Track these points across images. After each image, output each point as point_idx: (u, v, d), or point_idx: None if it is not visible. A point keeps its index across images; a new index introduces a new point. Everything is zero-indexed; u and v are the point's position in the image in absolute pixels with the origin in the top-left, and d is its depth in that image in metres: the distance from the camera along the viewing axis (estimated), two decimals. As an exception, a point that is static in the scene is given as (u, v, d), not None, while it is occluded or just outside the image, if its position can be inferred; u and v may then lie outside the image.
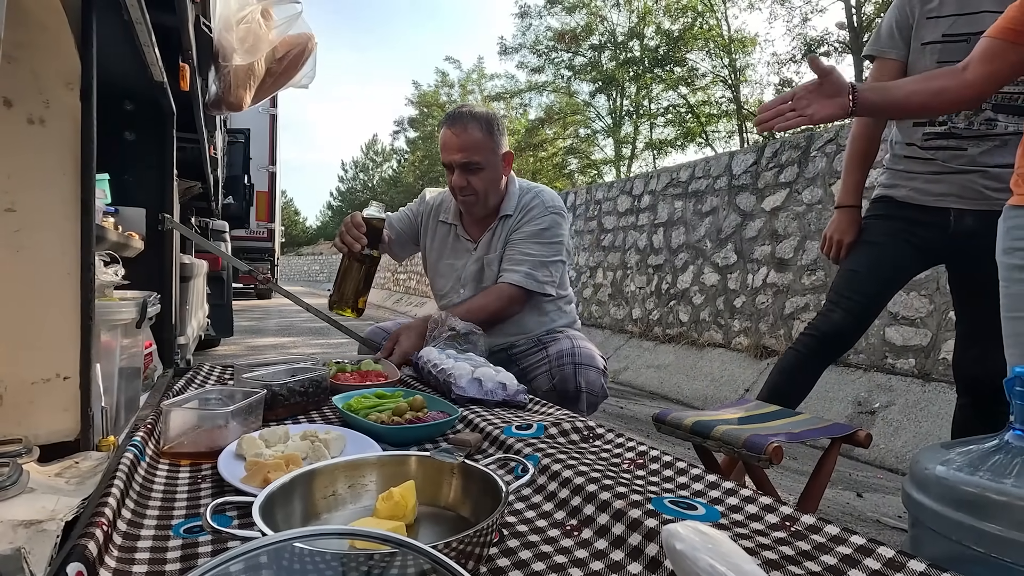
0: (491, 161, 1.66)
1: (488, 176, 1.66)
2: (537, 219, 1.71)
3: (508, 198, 1.75)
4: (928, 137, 1.54)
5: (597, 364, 1.59)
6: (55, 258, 0.95)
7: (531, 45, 22.61)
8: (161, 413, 0.97)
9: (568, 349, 1.59)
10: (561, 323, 1.80)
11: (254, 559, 0.42)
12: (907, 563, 0.58)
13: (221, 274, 4.52)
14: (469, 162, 1.63)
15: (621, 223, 5.73)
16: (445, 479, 0.74)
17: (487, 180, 1.66)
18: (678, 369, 4.45)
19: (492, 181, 1.68)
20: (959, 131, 1.48)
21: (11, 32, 0.87)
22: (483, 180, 1.66)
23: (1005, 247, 1.09)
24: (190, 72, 1.66)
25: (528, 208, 1.73)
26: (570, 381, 1.55)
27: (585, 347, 1.62)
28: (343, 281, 1.55)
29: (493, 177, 1.67)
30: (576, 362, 1.56)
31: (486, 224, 1.77)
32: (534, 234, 1.70)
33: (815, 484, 1.29)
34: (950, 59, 1.37)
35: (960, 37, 1.43)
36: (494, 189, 1.70)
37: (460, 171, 1.64)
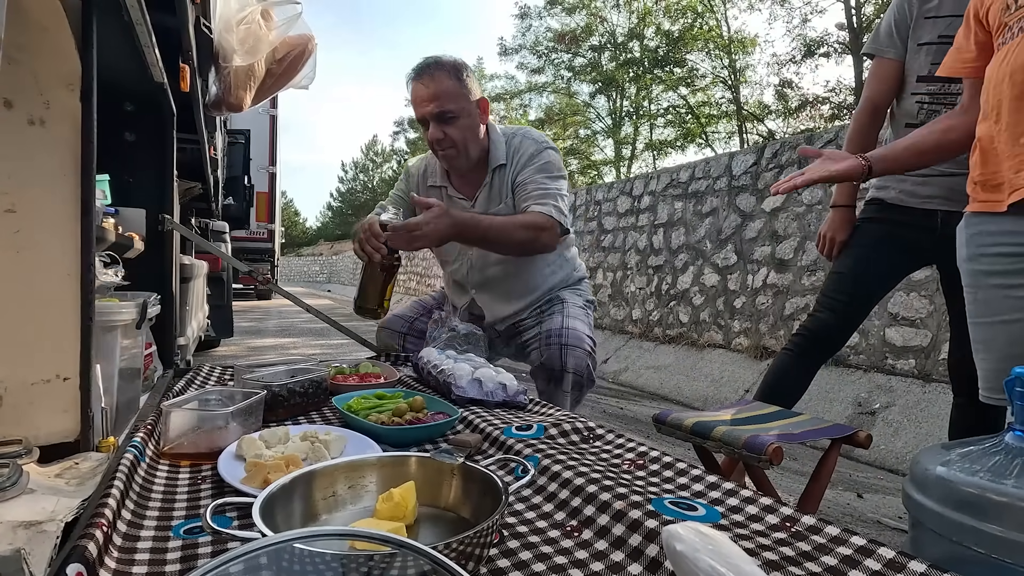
0: (465, 108, 1.58)
1: (465, 124, 1.59)
2: (537, 156, 1.65)
3: (494, 147, 1.68)
4: None
5: (584, 346, 1.58)
6: (55, 259, 0.95)
7: (531, 46, 22.64)
8: (161, 414, 0.97)
9: (557, 329, 1.60)
10: (563, 275, 1.78)
11: (254, 560, 0.42)
12: (907, 564, 0.58)
13: (221, 275, 4.52)
14: (443, 112, 1.56)
15: (621, 224, 5.73)
16: (445, 480, 0.74)
17: (464, 129, 1.59)
18: (678, 370, 4.45)
19: (470, 129, 1.60)
20: None
21: (11, 33, 0.87)
22: (460, 129, 1.59)
23: (969, 254, 1.08)
24: (190, 73, 1.67)
25: (521, 150, 1.67)
26: (556, 360, 1.55)
27: (574, 328, 1.60)
28: (367, 286, 1.54)
29: (470, 125, 1.60)
30: (563, 343, 1.57)
31: (478, 179, 1.70)
32: (542, 168, 1.64)
33: (815, 485, 1.29)
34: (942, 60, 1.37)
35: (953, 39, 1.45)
36: (473, 138, 1.62)
37: (435, 123, 1.58)
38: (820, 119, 18.12)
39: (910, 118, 1.56)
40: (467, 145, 1.61)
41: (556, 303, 1.73)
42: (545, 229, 1.57)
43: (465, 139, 1.60)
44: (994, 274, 1.03)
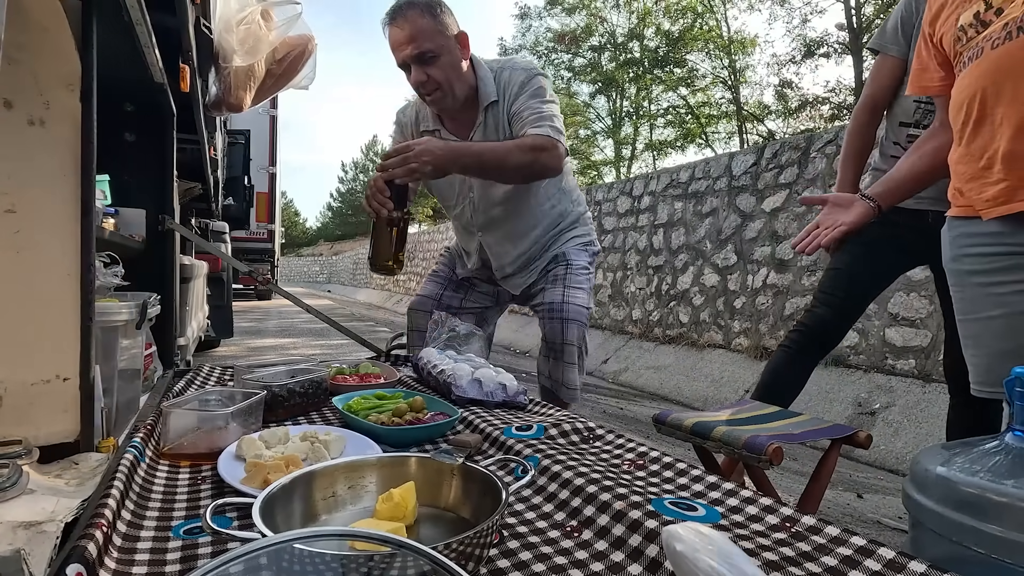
0: (444, 45, 1.52)
1: (446, 63, 1.53)
2: (528, 84, 1.59)
3: (483, 84, 1.62)
4: (911, 139, 1.56)
5: (583, 318, 1.68)
6: (55, 259, 0.95)
7: (531, 46, 22.63)
8: (161, 414, 0.97)
9: (559, 303, 1.66)
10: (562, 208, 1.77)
11: (254, 560, 0.42)
12: (907, 564, 0.58)
13: (221, 275, 4.52)
14: (421, 52, 1.50)
15: (621, 224, 5.73)
16: (445, 480, 0.74)
17: (446, 67, 1.53)
18: (678, 370, 4.45)
19: (452, 67, 1.54)
20: None
21: (11, 33, 0.87)
22: (442, 69, 1.53)
23: (952, 255, 1.12)
24: (190, 73, 1.67)
25: (511, 82, 1.61)
26: (558, 335, 1.65)
27: (574, 302, 1.67)
28: (377, 243, 1.53)
29: (451, 62, 1.54)
30: (564, 317, 1.65)
31: (470, 119, 1.65)
32: (534, 94, 1.59)
33: (815, 485, 1.29)
34: None
35: None
36: (457, 76, 1.56)
37: (416, 65, 1.52)
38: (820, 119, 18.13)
39: (906, 117, 1.57)
40: (452, 84, 1.56)
41: (561, 263, 1.75)
42: (545, 149, 1.52)
43: (449, 78, 1.55)
44: (976, 273, 1.06)
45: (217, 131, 3.40)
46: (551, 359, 1.68)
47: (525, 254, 1.78)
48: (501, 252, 1.78)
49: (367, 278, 17.58)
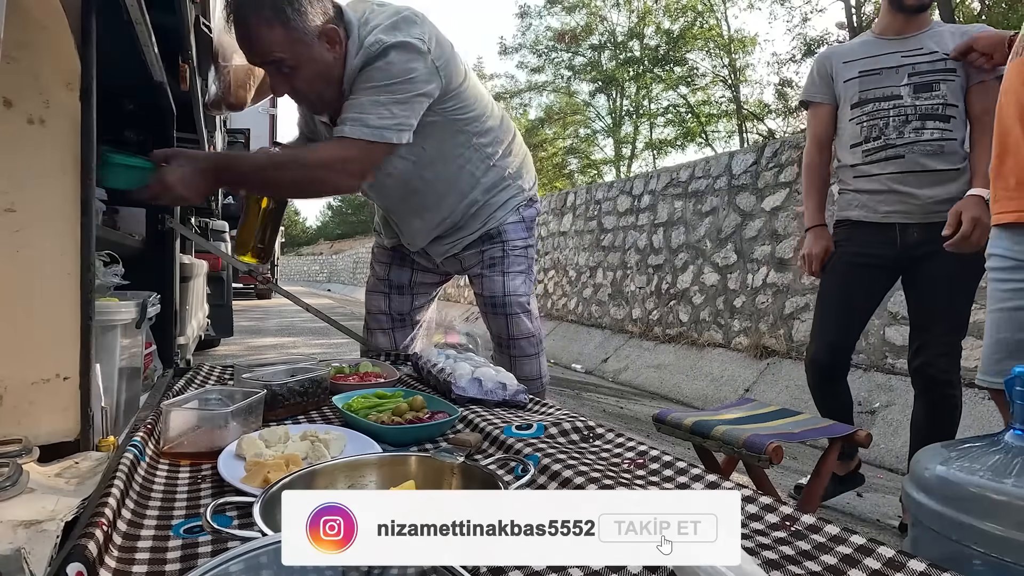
0: (303, 54, 1.24)
1: (309, 74, 1.27)
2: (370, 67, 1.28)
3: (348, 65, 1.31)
4: (868, 152, 1.75)
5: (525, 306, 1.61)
6: (55, 258, 0.95)
7: (531, 45, 22.61)
8: (161, 413, 0.97)
9: (500, 296, 1.59)
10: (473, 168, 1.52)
11: (254, 559, 0.42)
12: (907, 563, 0.58)
13: (221, 274, 4.52)
14: (275, 61, 1.24)
15: (621, 223, 5.73)
16: (445, 479, 0.74)
17: (310, 78, 1.28)
18: (678, 369, 4.45)
19: (318, 76, 1.28)
20: (893, 141, 1.71)
21: (11, 32, 0.87)
22: (305, 80, 1.28)
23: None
24: (190, 72, 1.66)
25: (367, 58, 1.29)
26: (504, 331, 1.61)
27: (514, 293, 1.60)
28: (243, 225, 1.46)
29: (317, 71, 1.27)
30: (508, 312, 1.59)
31: None
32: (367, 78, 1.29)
33: (815, 484, 1.29)
34: (868, 87, 1.74)
35: (873, 71, 1.75)
36: (327, 82, 1.29)
37: (272, 76, 1.28)
38: (820, 118, 18.04)
39: (855, 139, 1.78)
40: (320, 92, 1.31)
41: (496, 243, 1.61)
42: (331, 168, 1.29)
43: (315, 87, 1.30)
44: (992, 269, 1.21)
45: (217, 130, 3.40)
46: (504, 354, 1.65)
47: (438, 226, 1.60)
48: (409, 231, 1.65)
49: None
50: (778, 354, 3.80)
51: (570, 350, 5.79)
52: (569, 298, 6.49)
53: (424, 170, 1.48)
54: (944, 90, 1.66)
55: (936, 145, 1.66)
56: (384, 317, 1.81)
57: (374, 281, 1.84)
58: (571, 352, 5.74)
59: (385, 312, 1.81)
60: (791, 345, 3.69)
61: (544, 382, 1.68)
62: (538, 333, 1.67)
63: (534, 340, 1.65)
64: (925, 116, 1.67)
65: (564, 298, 6.59)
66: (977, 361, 2.77)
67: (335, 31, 1.26)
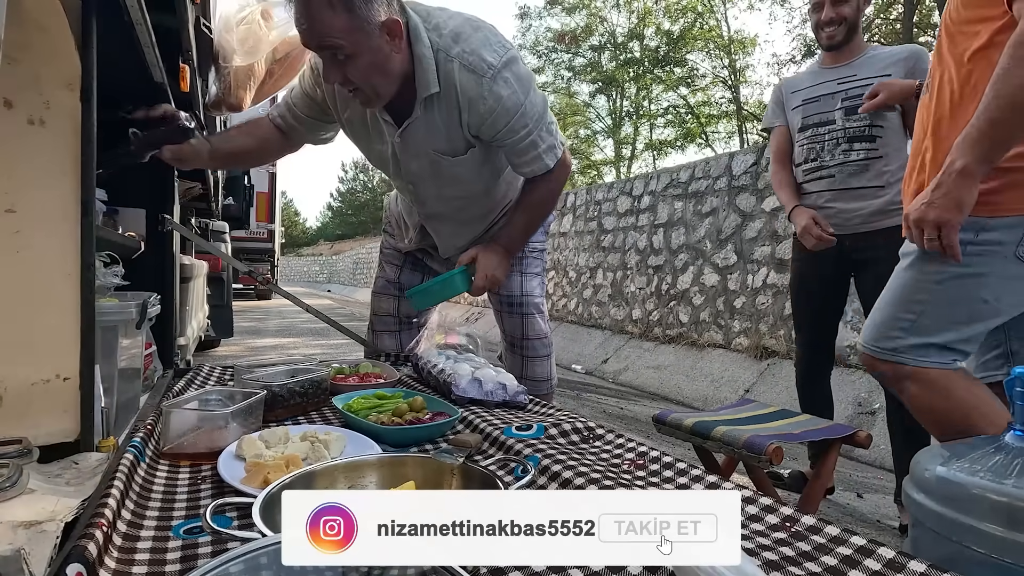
0: (363, 43, 1.19)
1: (366, 63, 1.22)
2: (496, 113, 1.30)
3: (420, 71, 1.28)
4: (807, 172, 1.95)
5: (541, 308, 1.67)
6: (55, 259, 0.95)
7: (531, 46, 22.62)
8: (161, 414, 0.97)
9: (517, 296, 1.63)
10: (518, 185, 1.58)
11: (254, 560, 0.42)
12: (907, 564, 0.58)
13: (221, 275, 4.52)
14: (331, 47, 1.20)
15: (621, 224, 5.73)
16: (445, 480, 0.74)
17: (366, 68, 1.23)
18: (678, 370, 4.45)
19: (375, 67, 1.23)
20: (827, 163, 1.90)
21: (12, 33, 0.87)
22: (361, 70, 1.23)
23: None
24: (190, 73, 1.66)
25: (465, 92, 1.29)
26: (518, 330, 1.64)
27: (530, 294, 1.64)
28: None
29: (374, 62, 1.23)
30: (524, 312, 1.63)
31: (405, 107, 1.35)
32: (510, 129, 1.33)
33: (815, 485, 1.29)
34: (809, 114, 1.94)
35: (814, 99, 1.94)
36: (383, 75, 1.26)
37: (327, 62, 1.24)
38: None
39: (799, 160, 1.99)
40: (375, 86, 1.27)
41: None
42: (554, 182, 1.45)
43: (370, 79, 1.25)
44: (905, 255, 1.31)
45: (217, 131, 3.40)
46: (516, 355, 1.67)
47: (478, 238, 1.62)
48: (449, 241, 1.64)
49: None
50: (778, 355, 3.79)
51: (570, 351, 5.79)
52: (569, 299, 6.49)
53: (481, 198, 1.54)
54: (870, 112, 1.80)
55: (861, 165, 1.84)
56: (391, 319, 1.80)
57: (384, 283, 1.82)
58: (571, 353, 5.74)
59: (393, 315, 1.80)
60: (791, 346, 3.69)
61: (552, 384, 1.70)
62: (550, 335, 1.69)
63: (546, 342, 1.67)
64: (852, 138, 1.86)
65: (564, 299, 6.59)
66: (975, 361, 2.77)
67: (397, 24, 1.23)
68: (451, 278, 1.46)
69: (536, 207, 1.51)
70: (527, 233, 1.55)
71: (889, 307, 1.19)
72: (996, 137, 1.02)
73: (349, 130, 1.50)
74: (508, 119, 1.31)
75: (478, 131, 1.35)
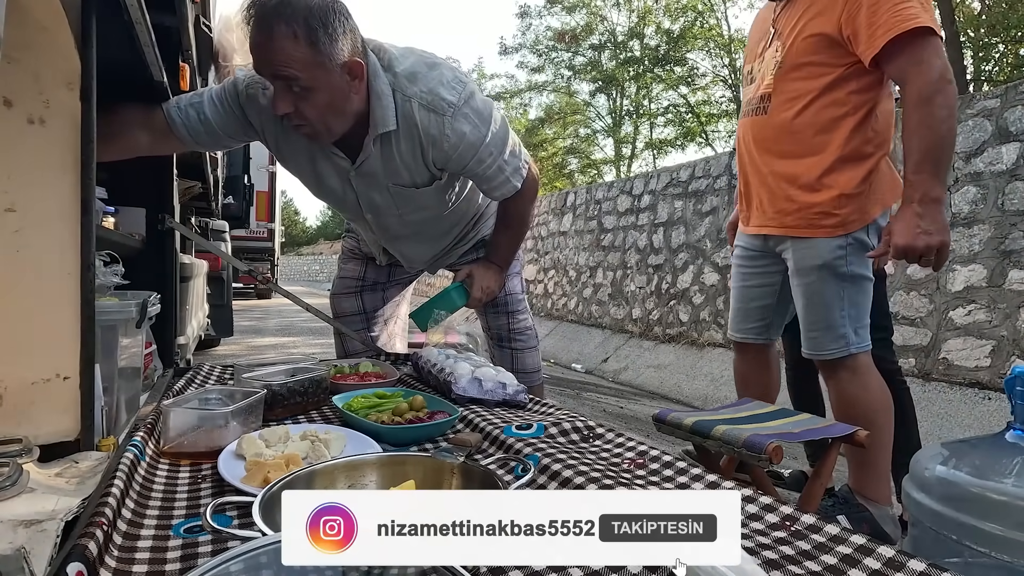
0: (322, 79, 1.14)
1: (322, 101, 1.17)
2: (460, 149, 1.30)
3: (377, 107, 1.25)
4: None
5: (523, 304, 1.73)
6: (55, 258, 0.95)
7: (531, 45, 22.58)
8: (161, 413, 0.97)
9: (501, 296, 1.66)
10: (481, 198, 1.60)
11: (254, 559, 0.42)
12: (907, 562, 0.58)
13: (221, 274, 4.52)
14: (287, 76, 1.13)
15: (621, 223, 5.73)
16: (445, 479, 0.74)
17: (321, 106, 1.18)
18: (678, 369, 4.45)
19: (330, 106, 1.19)
20: None
21: (11, 32, 0.87)
22: (315, 107, 1.17)
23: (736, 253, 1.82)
24: (190, 72, 1.66)
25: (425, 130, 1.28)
26: (504, 327, 1.70)
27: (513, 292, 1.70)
28: None
29: (330, 101, 1.18)
30: (509, 311, 1.69)
31: (355, 143, 1.31)
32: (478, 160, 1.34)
33: (815, 484, 1.29)
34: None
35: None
36: (337, 114, 1.21)
37: (279, 91, 1.17)
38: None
39: None
40: (327, 123, 1.22)
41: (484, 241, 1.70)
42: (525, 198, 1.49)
43: (324, 117, 1.20)
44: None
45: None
46: (505, 349, 1.72)
47: (441, 253, 1.67)
48: (412, 256, 1.67)
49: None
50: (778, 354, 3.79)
51: (570, 350, 5.79)
52: (569, 298, 6.49)
53: (449, 204, 1.51)
54: None
55: None
56: (358, 318, 1.81)
57: (345, 283, 1.81)
58: (571, 352, 5.74)
59: (359, 312, 1.81)
60: (791, 345, 3.69)
61: (541, 375, 1.77)
62: (534, 327, 1.76)
63: (532, 334, 1.74)
64: None
65: (564, 298, 6.59)
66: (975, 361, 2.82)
67: (360, 66, 1.19)
68: (448, 293, 1.56)
69: (516, 224, 1.58)
70: (514, 247, 1.63)
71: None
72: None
73: (290, 164, 1.44)
74: (474, 152, 1.32)
75: (444, 165, 1.36)
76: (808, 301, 1.53)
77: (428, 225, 1.54)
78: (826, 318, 1.49)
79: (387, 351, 1.80)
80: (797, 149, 1.48)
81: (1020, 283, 2.76)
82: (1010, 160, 2.84)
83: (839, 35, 1.37)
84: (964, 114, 3.04)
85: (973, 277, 2.93)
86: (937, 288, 3.05)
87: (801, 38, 1.43)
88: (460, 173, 1.40)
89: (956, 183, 3.04)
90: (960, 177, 3.03)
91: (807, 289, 1.52)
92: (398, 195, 1.41)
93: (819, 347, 1.52)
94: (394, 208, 1.45)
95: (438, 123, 1.27)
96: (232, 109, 1.35)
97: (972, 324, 2.92)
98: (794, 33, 1.45)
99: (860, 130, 1.43)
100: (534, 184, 1.50)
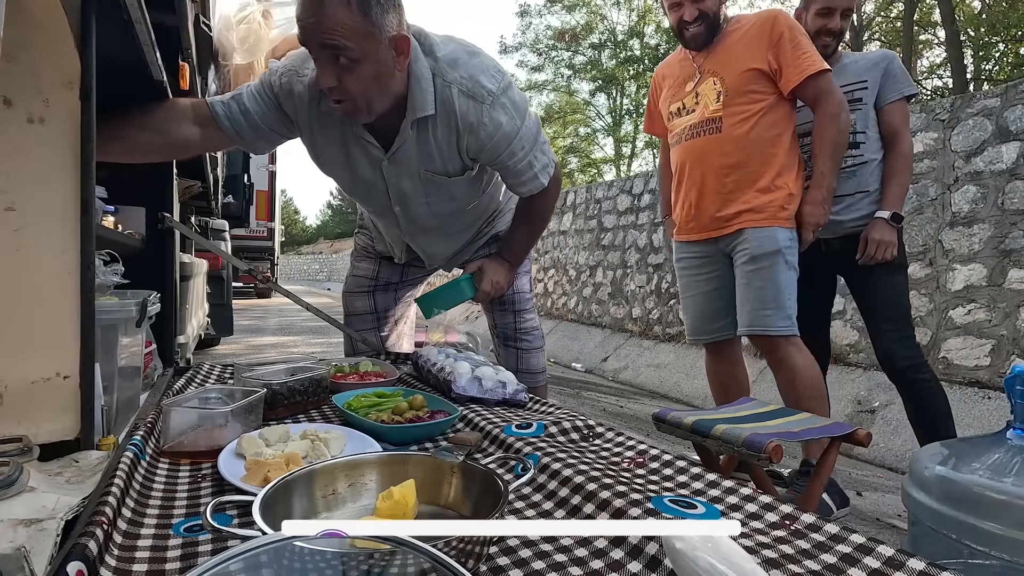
0: (370, 52, 1.12)
1: (368, 73, 1.14)
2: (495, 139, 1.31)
3: (416, 91, 1.24)
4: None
5: (530, 304, 1.74)
6: (55, 257, 0.95)
7: (531, 44, 22.58)
8: (161, 412, 0.97)
9: (509, 294, 1.67)
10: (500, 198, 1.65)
11: (254, 558, 0.42)
12: (907, 562, 0.58)
13: (221, 273, 4.52)
14: (335, 46, 1.10)
15: (621, 222, 5.73)
16: (445, 478, 0.74)
17: (366, 79, 1.15)
18: (678, 368, 4.45)
19: (375, 79, 1.16)
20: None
21: (11, 31, 0.87)
22: (360, 80, 1.15)
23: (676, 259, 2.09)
24: (190, 71, 1.66)
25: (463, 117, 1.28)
26: (511, 326, 1.71)
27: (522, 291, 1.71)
28: None
29: (376, 73, 1.15)
30: (516, 309, 1.71)
31: (392, 126, 1.30)
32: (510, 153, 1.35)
33: (815, 483, 1.29)
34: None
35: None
36: (380, 89, 1.19)
37: (324, 63, 1.14)
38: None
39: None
40: (369, 99, 1.19)
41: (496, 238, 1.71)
42: (549, 198, 1.51)
43: (367, 92, 1.18)
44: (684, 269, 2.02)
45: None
46: (511, 349, 1.73)
47: (461, 248, 1.69)
48: (433, 252, 1.67)
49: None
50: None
51: (570, 349, 5.79)
52: (569, 297, 6.49)
53: (466, 212, 1.55)
54: (853, 119, 1.86)
55: (848, 171, 1.90)
56: (370, 316, 1.81)
57: (358, 281, 1.81)
58: (571, 351, 5.74)
59: (370, 311, 1.80)
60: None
61: (546, 376, 1.78)
62: (540, 328, 1.77)
63: (538, 334, 1.75)
64: None
65: (564, 297, 6.59)
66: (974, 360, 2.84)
67: (407, 41, 1.18)
68: (457, 284, 1.54)
69: (535, 222, 1.59)
70: (529, 245, 1.65)
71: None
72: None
73: (323, 155, 1.43)
74: (508, 143, 1.33)
75: (477, 155, 1.36)
76: (764, 283, 1.74)
77: (454, 218, 1.55)
78: (777, 298, 1.73)
79: (393, 351, 1.80)
80: (754, 158, 1.77)
81: (1020, 282, 2.76)
82: (1010, 159, 2.84)
83: (768, 69, 1.75)
84: (964, 113, 3.04)
85: (973, 276, 2.94)
86: (937, 287, 3.05)
87: (739, 71, 1.76)
88: (491, 164, 1.41)
89: (956, 182, 3.04)
90: (960, 176, 3.03)
91: (765, 272, 1.75)
92: (429, 183, 1.40)
93: (770, 324, 1.74)
94: (423, 197, 1.44)
95: (477, 110, 1.27)
96: (270, 99, 1.34)
97: (972, 323, 2.92)
98: (729, 68, 1.78)
99: (793, 144, 1.80)
100: (558, 184, 1.52)
